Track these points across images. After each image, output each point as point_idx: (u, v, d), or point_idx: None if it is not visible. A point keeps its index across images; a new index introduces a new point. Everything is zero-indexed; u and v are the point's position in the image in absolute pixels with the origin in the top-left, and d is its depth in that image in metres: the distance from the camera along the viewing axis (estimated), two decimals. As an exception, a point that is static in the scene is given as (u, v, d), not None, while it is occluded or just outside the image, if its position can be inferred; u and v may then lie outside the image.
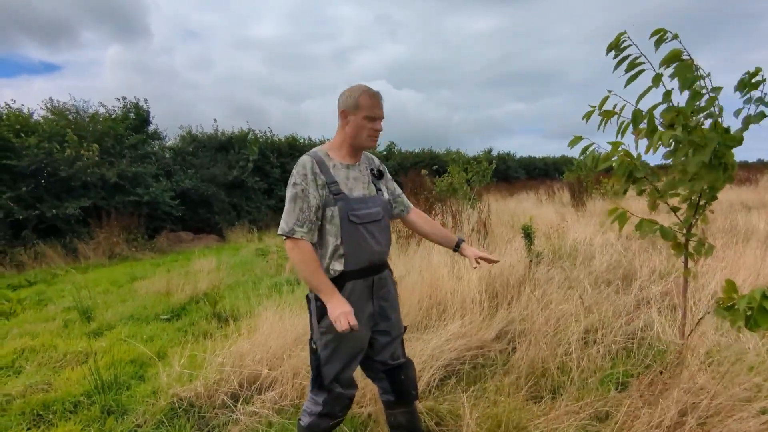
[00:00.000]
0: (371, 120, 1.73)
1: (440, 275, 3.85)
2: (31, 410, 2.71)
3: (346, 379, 1.81)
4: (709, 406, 1.98)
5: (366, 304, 1.79)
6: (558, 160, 30.73)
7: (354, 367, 1.84)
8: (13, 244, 9.12)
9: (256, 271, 6.87)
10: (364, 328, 1.78)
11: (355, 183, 1.78)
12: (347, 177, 1.76)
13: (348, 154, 1.81)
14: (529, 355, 2.76)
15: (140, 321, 4.58)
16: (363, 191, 1.79)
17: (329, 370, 1.76)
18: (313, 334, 1.78)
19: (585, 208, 9.99)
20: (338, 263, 1.71)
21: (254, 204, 14.77)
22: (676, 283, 3.80)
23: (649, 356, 2.71)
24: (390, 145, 20.79)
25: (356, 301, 1.74)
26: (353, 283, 1.74)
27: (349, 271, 1.72)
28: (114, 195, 10.99)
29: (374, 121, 1.74)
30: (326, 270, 1.72)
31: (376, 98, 1.73)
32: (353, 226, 1.71)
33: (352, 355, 1.80)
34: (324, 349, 1.74)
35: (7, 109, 10.24)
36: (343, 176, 1.75)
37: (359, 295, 1.76)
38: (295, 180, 1.69)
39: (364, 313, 1.78)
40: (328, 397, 1.78)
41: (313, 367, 1.78)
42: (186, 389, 2.72)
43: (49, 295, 6.23)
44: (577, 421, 2.12)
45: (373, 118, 1.73)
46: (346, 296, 1.71)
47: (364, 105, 1.72)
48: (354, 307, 1.70)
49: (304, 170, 1.69)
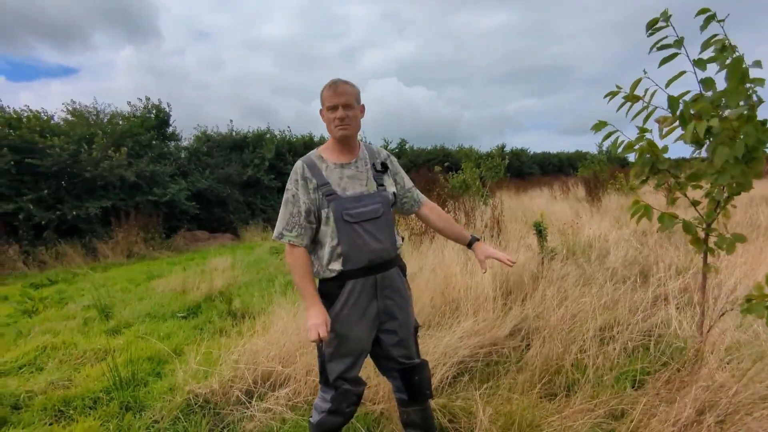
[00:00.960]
0: (332, 110, 1.73)
1: (453, 272, 3.83)
2: (53, 406, 2.78)
3: (351, 377, 1.82)
4: (728, 404, 1.94)
5: (370, 303, 1.78)
6: (572, 155, 30.34)
7: (358, 366, 1.84)
8: (35, 244, 9.36)
9: (270, 269, 6.93)
10: (365, 330, 1.78)
11: (349, 182, 1.76)
12: (341, 177, 1.76)
13: (339, 152, 1.80)
14: (543, 353, 2.74)
15: (157, 319, 4.66)
16: (360, 189, 1.77)
17: (334, 367, 1.79)
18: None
19: (600, 204, 9.84)
20: (337, 263, 1.72)
21: (269, 202, 14.90)
22: (694, 279, 3.73)
23: (666, 353, 2.66)
24: (401, 142, 20.78)
25: (357, 300, 1.74)
26: (353, 282, 1.74)
27: (348, 271, 1.73)
28: (134, 195, 11.21)
29: (335, 110, 1.73)
30: (325, 270, 1.74)
31: (332, 87, 1.73)
32: (348, 225, 1.71)
33: (354, 355, 1.81)
34: (327, 347, 1.77)
35: (28, 111, 10.49)
36: (336, 176, 1.75)
37: (360, 294, 1.75)
38: (288, 185, 1.76)
39: (368, 313, 1.78)
40: (336, 393, 1.80)
41: (319, 363, 1.83)
42: (202, 386, 2.76)
43: (69, 293, 6.38)
44: (591, 419, 2.09)
45: (332, 108, 1.73)
46: (346, 296, 1.73)
47: (324, 98, 1.75)
48: (355, 307, 1.73)
49: (295, 175, 1.75)
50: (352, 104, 1.74)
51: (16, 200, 9.15)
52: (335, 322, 1.74)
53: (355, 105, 1.77)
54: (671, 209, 2.54)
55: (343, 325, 1.75)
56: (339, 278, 1.73)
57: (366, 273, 1.75)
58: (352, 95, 1.75)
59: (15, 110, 10.31)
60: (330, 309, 1.74)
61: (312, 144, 16.62)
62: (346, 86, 1.74)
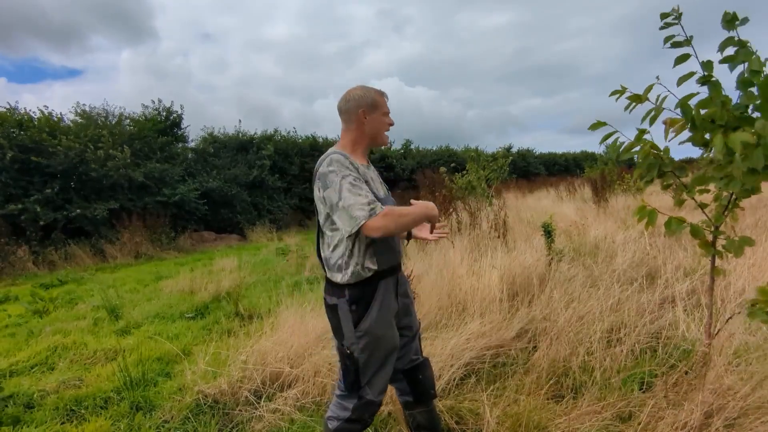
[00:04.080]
0: (387, 116, 1.84)
1: (459, 274, 3.84)
2: (64, 405, 2.82)
3: (381, 383, 1.77)
4: (737, 407, 1.93)
5: (393, 302, 1.80)
6: (578, 155, 30.19)
7: (390, 368, 1.81)
8: (44, 244, 9.46)
9: (276, 270, 6.97)
10: (395, 329, 1.80)
11: (375, 184, 1.81)
12: (372, 178, 1.80)
13: (362, 155, 1.83)
14: (550, 354, 2.74)
15: (166, 319, 4.71)
16: (383, 190, 1.85)
17: (366, 374, 1.74)
18: (345, 340, 1.73)
19: (607, 205, 9.79)
20: (372, 262, 1.70)
21: (275, 203, 14.96)
22: (702, 281, 3.71)
23: (674, 356, 2.66)
24: (406, 143, 20.72)
25: (387, 299, 1.75)
26: (385, 282, 1.75)
27: (382, 270, 1.73)
28: (142, 196, 11.31)
29: (388, 117, 1.85)
30: (362, 268, 1.69)
31: (384, 95, 1.85)
32: None
33: (388, 356, 1.77)
34: (362, 353, 1.72)
35: (39, 113, 10.63)
36: (368, 177, 1.77)
37: (388, 293, 1.76)
38: (343, 173, 1.63)
39: (393, 312, 1.79)
40: (358, 403, 1.75)
41: (351, 372, 1.74)
42: (210, 386, 2.79)
43: (79, 294, 6.45)
44: (599, 422, 2.09)
45: (388, 113, 1.85)
46: (381, 296, 1.72)
47: (380, 103, 1.81)
48: (388, 307, 1.75)
49: (346, 162, 1.67)
50: None
51: (24, 201, 9.26)
52: (375, 323, 1.70)
53: None
54: (677, 211, 2.53)
55: (380, 327, 1.71)
56: (373, 278, 1.72)
57: (392, 272, 1.79)
58: None
59: (25, 111, 10.45)
60: (367, 312, 1.71)
61: (317, 145, 16.65)
62: None
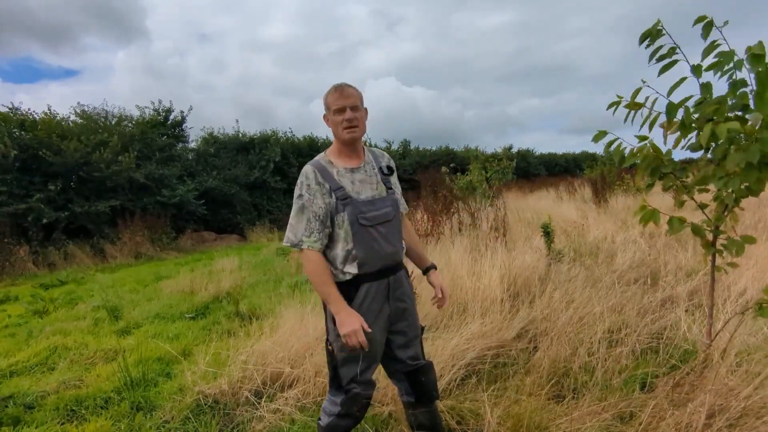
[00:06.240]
0: (339, 112, 1.73)
1: (460, 274, 3.84)
2: (65, 406, 2.82)
3: (364, 380, 1.81)
4: (738, 408, 1.93)
5: (383, 306, 1.78)
6: (578, 156, 30.20)
7: (373, 369, 1.84)
8: (44, 244, 9.47)
9: (276, 270, 6.96)
10: (379, 332, 1.78)
11: (362, 186, 1.77)
12: (353, 181, 1.76)
13: (347, 156, 1.80)
14: (550, 355, 2.74)
15: (166, 319, 4.70)
16: (372, 192, 1.78)
17: (347, 372, 1.77)
18: (329, 336, 1.79)
19: (607, 205, 9.80)
20: (352, 267, 1.72)
21: (275, 204, 14.98)
22: (703, 281, 3.71)
23: (675, 356, 2.65)
24: (404, 143, 20.72)
25: (371, 304, 1.74)
26: (368, 285, 1.74)
27: (364, 274, 1.72)
28: (142, 197, 11.32)
29: (342, 113, 1.72)
30: (340, 273, 1.73)
31: (338, 91, 1.74)
32: (364, 228, 1.71)
33: (369, 358, 1.80)
34: (341, 351, 1.75)
35: (43, 114, 10.66)
36: (348, 180, 1.75)
37: (374, 297, 1.75)
38: (300, 192, 1.72)
39: (381, 316, 1.78)
40: (346, 397, 1.78)
41: (330, 368, 1.80)
42: (211, 386, 2.78)
43: (79, 294, 6.45)
44: (600, 422, 2.09)
45: (340, 110, 1.72)
46: (360, 300, 1.72)
47: (330, 102, 1.75)
48: (369, 311, 1.72)
49: (307, 181, 1.72)
50: (359, 106, 1.76)
51: (28, 200, 9.26)
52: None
53: (361, 107, 1.78)
54: (678, 211, 2.53)
55: None
56: (354, 282, 1.73)
57: (380, 276, 1.76)
58: (358, 97, 1.76)
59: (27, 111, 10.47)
60: None
61: (315, 145, 16.65)
62: (350, 89, 1.76)
